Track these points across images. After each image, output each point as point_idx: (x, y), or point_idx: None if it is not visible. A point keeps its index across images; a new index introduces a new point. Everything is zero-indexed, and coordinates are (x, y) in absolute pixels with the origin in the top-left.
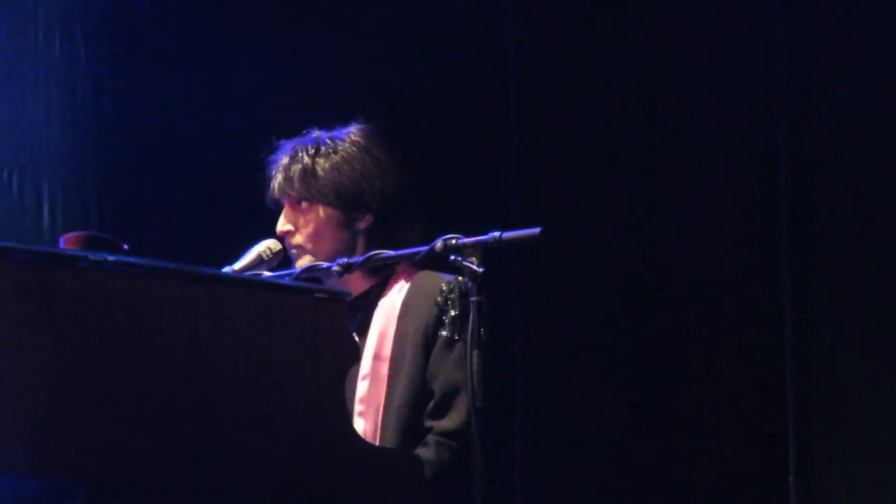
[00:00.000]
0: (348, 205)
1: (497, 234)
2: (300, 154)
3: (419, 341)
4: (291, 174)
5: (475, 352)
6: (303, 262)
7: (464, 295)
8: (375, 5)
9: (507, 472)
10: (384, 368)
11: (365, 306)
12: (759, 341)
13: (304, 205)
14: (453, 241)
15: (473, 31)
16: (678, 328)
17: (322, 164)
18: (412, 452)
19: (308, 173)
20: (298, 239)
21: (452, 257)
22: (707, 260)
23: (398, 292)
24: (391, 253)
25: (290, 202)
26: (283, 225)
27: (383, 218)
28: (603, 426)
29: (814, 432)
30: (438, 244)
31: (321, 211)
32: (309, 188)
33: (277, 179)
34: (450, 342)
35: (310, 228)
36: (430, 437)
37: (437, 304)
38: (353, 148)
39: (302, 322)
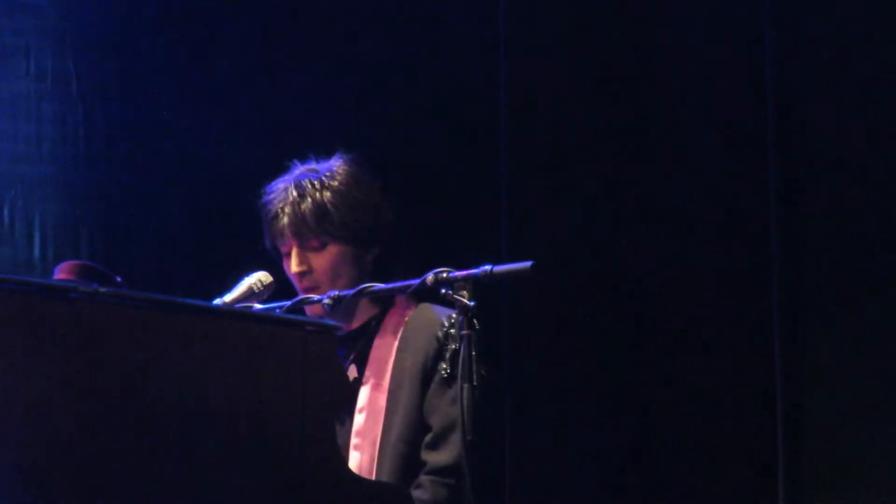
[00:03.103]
0: (361, 240)
1: (488, 267)
2: (307, 191)
3: (418, 375)
4: (304, 213)
5: (465, 385)
6: (315, 291)
7: (471, 335)
8: (367, 39)
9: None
10: (381, 402)
11: (364, 337)
12: (750, 370)
13: (316, 243)
14: (444, 275)
15: (464, 62)
16: (668, 360)
17: (332, 201)
18: (401, 487)
19: (321, 211)
20: (316, 278)
21: (443, 290)
22: (697, 289)
23: (397, 325)
24: (382, 286)
25: (300, 242)
26: (297, 266)
27: (388, 248)
28: (594, 457)
29: (802, 445)
30: (430, 277)
31: (335, 248)
32: (325, 228)
33: (289, 220)
34: (449, 377)
35: (326, 266)
36: (424, 478)
37: (437, 338)
38: (353, 180)
39: (292, 354)
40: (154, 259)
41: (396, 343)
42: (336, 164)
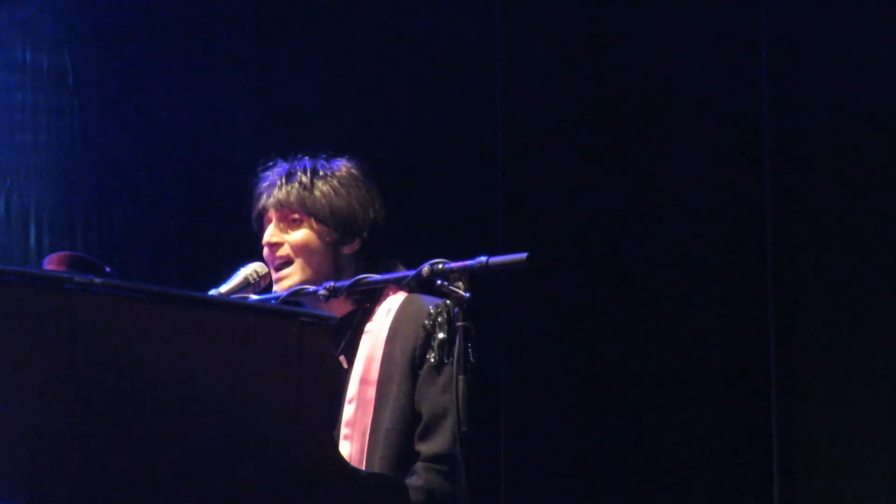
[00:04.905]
0: (340, 225)
1: (483, 259)
2: (297, 173)
3: (406, 365)
4: (289, 189)
5: (461, 377)
6: (286, 274)
7: (451, 319)
8: (364, 35)
9: (491, 495)
10: (371, 392)
11: (352, 329)
12: (744, 365)
13: (296, 218)
14: (440, 266)
15: (461, 54)
16: (663, 351)
17: (319, 185)
18: (396, 478)
19: (306, 189)
20: (286, 250)
21: (439, 282)
22: (691, 282)
23: (385, 316)
24: (378, 277)
25: (280, 215)
26: (271, 236)
27: (370, 246)
28: (588, 449)
29: (798, 448)
30: (425, 269)
31: (313, 225)
32: (304, 202)
33: (272, 194)
34: (437, 366)
35: (299, 241)
36: (419, 464)
37: (424, 327)
38: (349, 175)
39: (287, 345)
40: (149, 249)
41: (385, 334)
42: (338, 162)
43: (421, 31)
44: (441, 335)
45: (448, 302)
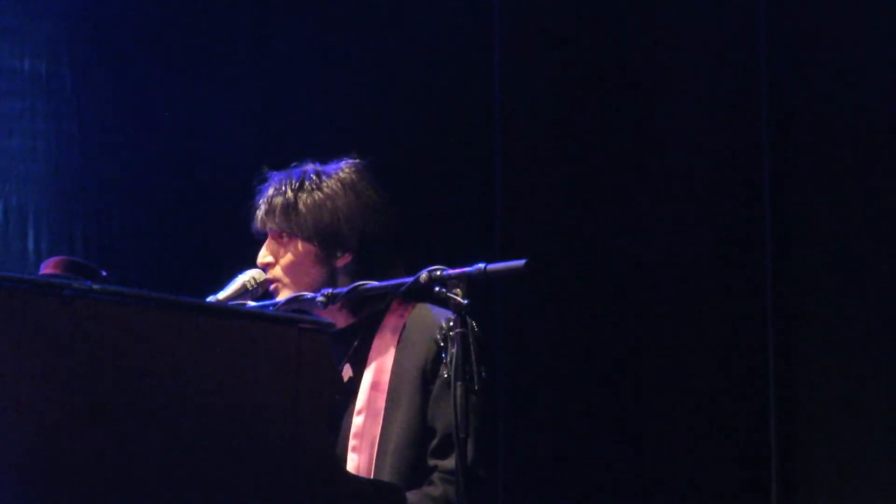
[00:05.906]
0: (326, 241)
1: (482, 265)
2: (284, 188)
3: (417, 377)
4: (274, 206)
5: (459, 384)
6: (282, 295)
7: (464, 333)
8: (361, 39)
9: (491, 496)
10: (380, 402)
11: (360, 340)
12: (743, 367)
13: (285, 237)
14: (438, 273)
15: (459, 60)
16: (663, 359)
17: (304, 200)
18: (394, 484)
19: (290, 207)
20: (277, 272)
21: (437, 288)
22: (690, 286)
23: (395, 326)
24: (376, 284)
25: (271, 234)
26: (263, 256)
27: (362, 256)
28: (587, 452)
29: (797, 451)
30: (423, 275)
31: (300, 245)
32: (289, 221)
33: (261, 210)
34: (451, 381)
35: (288, 261)
36: (437, 475)
37: (436, 341)
38: (338, 185)
39: (285, 352)
40: (148, 255)
41: (395, 344)
42: (334, 168)
43: (420, 32)
44: (453, 350)
45: None
